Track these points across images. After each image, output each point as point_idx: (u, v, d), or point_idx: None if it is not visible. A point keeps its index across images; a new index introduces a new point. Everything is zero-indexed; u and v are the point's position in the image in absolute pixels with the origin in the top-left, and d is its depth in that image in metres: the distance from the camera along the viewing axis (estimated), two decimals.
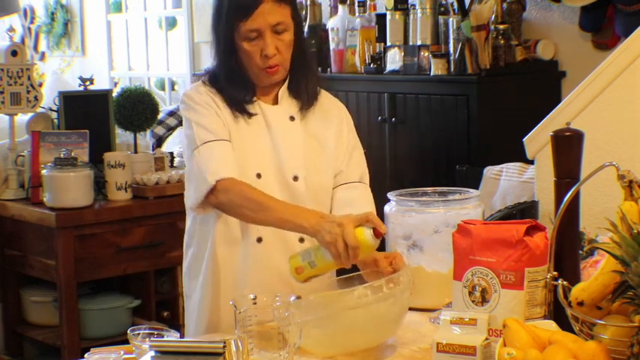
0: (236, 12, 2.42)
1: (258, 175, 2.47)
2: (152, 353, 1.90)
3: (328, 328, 2.09)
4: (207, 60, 2.64)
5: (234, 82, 2.50)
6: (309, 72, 2.58)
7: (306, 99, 2.56)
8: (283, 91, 2.55)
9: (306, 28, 4.77)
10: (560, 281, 1.96)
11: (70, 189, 3.96)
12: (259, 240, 2.48)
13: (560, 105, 3.03)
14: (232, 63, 2.48)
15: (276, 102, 2.55)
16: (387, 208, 2.57)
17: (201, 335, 2.47)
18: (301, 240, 2.51)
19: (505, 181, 3.63)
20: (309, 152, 2.54)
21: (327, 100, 2.62)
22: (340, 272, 2.41)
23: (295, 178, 2.50)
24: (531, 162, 3.24)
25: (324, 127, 2.58)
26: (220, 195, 2.39)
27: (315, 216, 2.29)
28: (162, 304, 4.30)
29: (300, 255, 2.28)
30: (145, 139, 4.72)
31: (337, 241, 2.19)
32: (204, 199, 2.40)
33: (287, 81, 2.55)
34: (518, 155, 3.33)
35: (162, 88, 7.11)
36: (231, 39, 2.45)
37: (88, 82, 4.37)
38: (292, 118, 2.54)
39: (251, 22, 2.41)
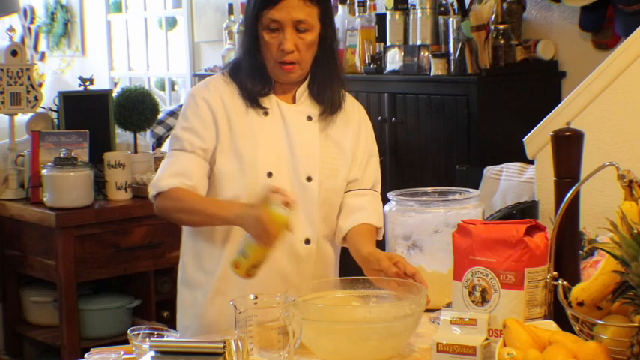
0: (263, 1, 2.44)
1: (269, 174, 2.46)
2: (152, 353, 1.90)
3: (341, 339, 2.09)
4: (208, 60, 2.65)
5: (254, 73, 2.50)
6: (335, 79, 2.56)
7: (329, 106, 2.55)
8: (302, 90, 2.54)
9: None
10: (560, 281, 1.96)
11: (70, 189, 3.96)
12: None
13: (560, 105, 3.03)
14: (255, 53, 2.49)
15: (294, 101, 2.55)
16: (387, 208, 2.57)
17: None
18: (307, 241, 2.51)
19: (505, 181, 3.63)
20: (326, 155, 2.53)
21: (348, 103, 2.61)
22: (343, 273, 2.41)
23: (309, 179, 2.49)
24: (531, 162, 3.24)
25: (344, 131, 2.57)
26: (159, 202, 2.48)
27: (240, 206, 2.36)
28: (162, 304, 4.30)
29: (236, 250, 2.33)
30: (145, 139, 4.72)
31: (254, 224, 2.25)
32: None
33: (307, 81, 2.54)
34: (518, 155, 3.33)
35: (163, 88, 7.11)
36: (256, 28, 2.46)
37: (88, 82, 4.37)
38: (310, 119, 2.53)
39: (275, 12, 2.42)
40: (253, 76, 2.50)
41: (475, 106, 3.97)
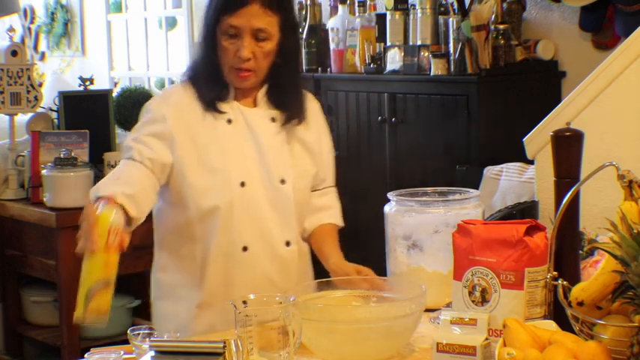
0: (223, 5, 2.42)
1: (242, 184, 2.44)
2: (152, 353, 1.90)
3: (341, 339, 2.09)
4: None
5: (211, 77, 2.48)
6: (296, 87, 2.55)
7: (291, 113, 2.53)
8: (263, 93, 2.52)
9: (306, 28, 4.77)
10: (560, 281, 1.96)
11: (70, 189, 3.97)
12: (245, 249, 2.47)
13: (560, 105, 3.03)
14: (212, 57, 2.46)
15: (255, 104, 2.53)
16: (387, 208, 2.57)
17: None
18: (287, 243, 2.51)
19: (505, 181, 3.63)
20: (294, 155, 2.53)
21: (307, 102, 2.60)
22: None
23: (282, 182, 2.49)
24: (531, 162, 3.24)
25: (306, 129, 2.57)
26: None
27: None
28: None
29: None
30: None
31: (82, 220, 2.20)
32: None
33: (267, 86, 2.53)
34: (518, 155, 3.33)
35: (162, 88, 7.11)
36: (214, 33, 2.45)
37: (88, 82, 4.37)
38: (273, 119, 2.52)
39: (234, 18, 2.40)
40: (211, 80, 2.48)
41: (475, 106, 3.97)
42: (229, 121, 2.47)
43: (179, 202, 2.46)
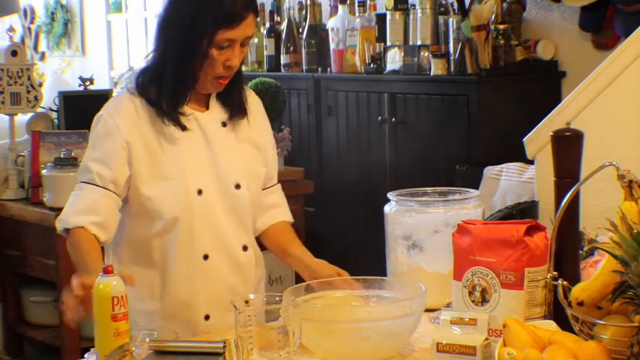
0: (219, 19, 2.31)
1: (199, 192, 2.41)
2: (152, 353, 1.90)
3: (341, 339, 2.09)
4: None
5: (180, 86, 2.39)
6: (240, 82, 2.50)
7: (236, 109, 2.49)
8: (212, 96, 2.47)
9: (306, 28, 4.77)
10: (560, 281, 1.96)
11: (70, 189, 3.94)
12: (206, 257, 2.44)
13: (560, 105, 3.03)
14: (191, 69, 2.36)
15: (206, 108, 2.47)
16: (387, 208, 2.57)
17: None
18: (244, 248, 2.50)
19: (505, 181, 3.63)
20: (245, 157, 2.50)
21: (249, 99, 2.55)
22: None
23: (237, 186, 2.46)
24: (531, 162, 3.24)
25: (254, 131, 2.54)
26: (68, 238, 2.37)
27: (84, 271, 2.21)
28: None
29: None
30: None
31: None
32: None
33: None
34: (518, 155, 3.33)
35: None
36: (198, 43, 2.33)
37: (88, 82, 4.37)
38: (224, 124, 2.48)
39: (232, 32, 2.32)
40: (177, 89, 2.39)
41: (475, 106, 3.97)
42: (183, 128, 2.41)
43: (137, 213, 2.42)
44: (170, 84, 2.38)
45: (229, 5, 2.31)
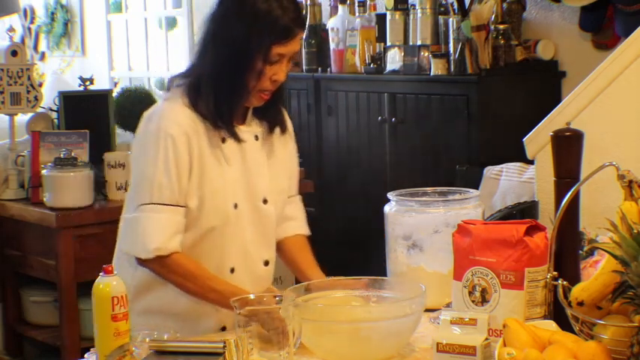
0: (274, 34, 2.32)
1: (235, 206, 2.42)
2: (152, 353, 1.90)
3: (341, 339, 2.09)
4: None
5: (234, 102, 2.40)
6: (282, 97, 2.52)
7: (277, 123, 2.51)
8: (250, 110, 2.47)
9: (306, 28, 4.77)
10: (560, 281, 1.96)
11: (70, 189, 3.96)
12: (232, 270, 2.45)
13: (560, 105, 3.03)
14: (245, 82, 2.36)
15: (244, 122, 2.47)
16: (387, 208, 2.56)
17: None
18: (266, 263, 2.51)
19: (505, 181, 3.63)
20: (273, 173, 2.51)
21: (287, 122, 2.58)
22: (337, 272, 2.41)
23: (265, 201, 2.48)
24: (531, 162, 3.24)
25: (282, 143, 2.55)
26: (156, 267, 2.36)
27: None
28: None
29: None
30: None
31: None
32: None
33: None
34: (518, 155, 3.33)
35: (163, 88, 7.10)
36: (252, 59, 2.33)
37: (88, 82, 4.37)
38: (257, 138, 2.48)
39: (284, 47, 2.34)
40: (233, 106, 2.40)
41: (475, 106, 3.97)
42: (223, 140, 2.41)
43: None
44: (226, 99, 2.38)
45: (284, 21, 2.33)
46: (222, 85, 2.37)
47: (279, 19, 2.32)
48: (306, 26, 4.64)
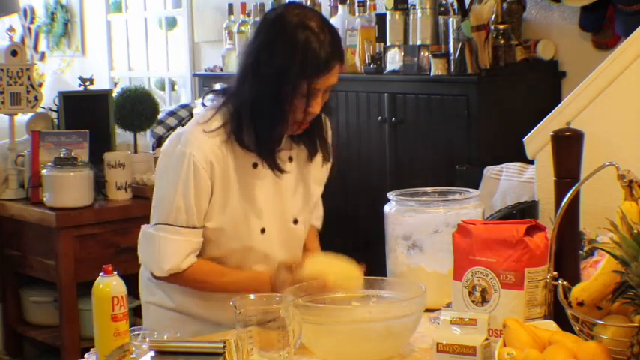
0: (311, 68, 2.27)
1: (262, 231, 2.44)
2: (152, 353, 1.90)
3: (341, 339, 2.09)
4: (208, 60, 2.59)
5: (275, 133, 2.38)
6: (320, 127, 2.48)
7: (311, 149, 2.49)
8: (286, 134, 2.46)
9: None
10: (560, 281, 1.96)
11: (70, 189, 3.96)
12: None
13: (560, 105, 3.02)
14: (282, 113, 2.33)
15: (279, 145, 2.45)
16: (387, 208, 2.57)
17: None
18: (295, 222, 2.51)
19: (505, 181, 3.63)
20: (305, 193, 2.52)
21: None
22: None
23: (295, 222, 2.50)
24: (531, 162, 3.24)
25: (320, 170, 2.56)
26: (172, 279, 2.42)
27: (264, 282, 2.38)
28: None
29: None
30: (145, 139, 4.73)
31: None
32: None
33: None
34: (518, 155, 3.33)
35: (163, 88, 7.11)
36: (289, 91, 2.30)
37: (88, 82, 4.37)
38: (290, 159, 2.48)
39: (319, 82, 2.30)
40: (274, 137, 2.38)
41: (475, 106, 3.97)
42: (254, 166, 2.41)
43: None
44: (267, 129, 2.35)
45: (322, 54, 2.28)
46: (262, 115, 2.34)
47: (316, 53, 2.27)
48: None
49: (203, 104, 2.52)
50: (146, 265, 2.47)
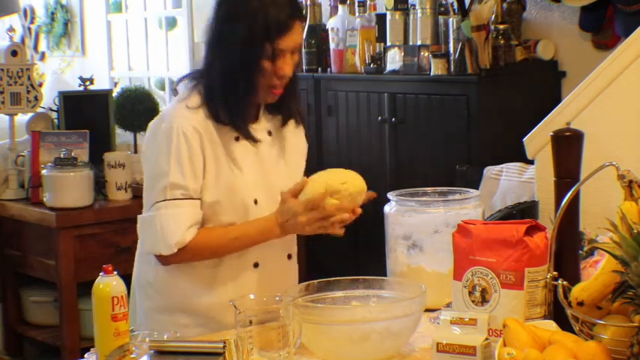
0: (272, 32, 2.35)
1: (255, 202, 2.45)
2: (152, 353, 1.90)
3: (341, 339, 2.09)
4: None
5: (246, 102, 2.43)
6: (295, 90, 2.54)
7: (287, 116, 2.54)
8: (262, 107, 2.52)
9: (306, 28, 4.77)
10: (560, 281, 1.96)
11: (70, 189, 3.97)
12: (256, 265, 2.48)
13: (560, 105, 3.02)
14: (253, 81, 2.39)
15: (256, 119, 2.51)
16: (387, 208, 2.57)
17: None
18: (289, 257, 2.54)
19: (505, 181, 3.63)
20: (291, 166, 2.54)
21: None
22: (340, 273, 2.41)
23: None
24: (531, 162, 3.24)
25: (295, 133, 2.59)
26: (179, 259, 2.41)
27: (272, 224, 2.39)
28: None
29: None
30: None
31: (316, 224, 2.35)
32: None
33: None
34: (518, 155, 3.33)
35: (163, 88, 7.11)
36: (255, 57, 2.36)
37: (88, 82, 4.37)
38: (270, 133, 2.52)
39: (282, 42, 2.36)
40: (246, 107, 2.44)
41: (475, 106, 3.97)
42: (237, 139, 2.45)
43: None
44: (238, 100, 2.41)
45: (280, 15, 2.35)
46: (232, 87, 2.40)
47: (274, 15, 2.34)
48: (306, 19, 4.64)
49: (175, 91, 2.56)
50: (152, 248, 2.42)
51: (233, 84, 2.40)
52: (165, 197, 2.39)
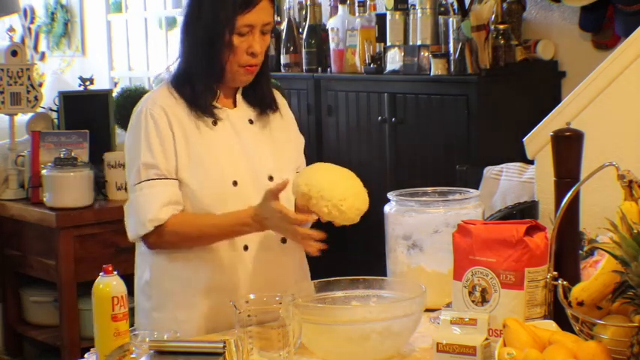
0: (239, 5, 2.39)
1: (235, 183, 2.46)
2: (152, 353, 1.90)
3: (341, 339, 2.09)
4: None
5: (212, 80, 2.47)
6: (267, 77, 2.57)
7: (266, 103, 2.56)
8: (239, 94, 2.55)
9: (306, 28, 4.77)
10: (560, 281, 1.96)
11: (70, 189, 3.96)
12: (245, 248, 2.47)
13: (560, 105, 3.02)
14: (219, 59, 2.44)
15: (234, 105, 2.54)
16: (387, 208, 2.57)
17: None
18: (283, 240, 2.52)
19: (505, 181, 3.63)
20: (277, 151, 2.55)
21: (276, 97, 2.63)
22: (338, 273, 2.41)
23: (271, 178, 2.50)
24: (531, 162, 3.24)
25: (285, 124, 2.61)
26: (157, 238, 2.42)
27: (247, 217, 2.37)
28: None
29: None
30: None
31: (290, 229, 2.31)
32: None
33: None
34: (518, 155, 3.33)
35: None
36: (222, 33, 2.41)
37: (88, 82, 4.37)
38: (251, 121, 2.54)
39: (249, 16, 2.40)
40: (209, 83, 2.47)
41: (475, 106, 3.97)
42: (214, 123, 2.48)
43: None
44: (202, 78, 2.46)
45: None
46: (198, 66, 2.45)
47: None
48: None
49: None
50: (133, 232, 2.45)
51: (200, 63, 2.45)
52: (140, 179, 2.43)
